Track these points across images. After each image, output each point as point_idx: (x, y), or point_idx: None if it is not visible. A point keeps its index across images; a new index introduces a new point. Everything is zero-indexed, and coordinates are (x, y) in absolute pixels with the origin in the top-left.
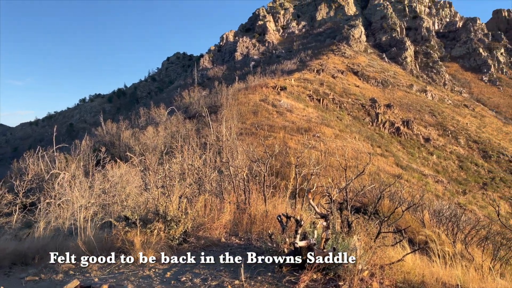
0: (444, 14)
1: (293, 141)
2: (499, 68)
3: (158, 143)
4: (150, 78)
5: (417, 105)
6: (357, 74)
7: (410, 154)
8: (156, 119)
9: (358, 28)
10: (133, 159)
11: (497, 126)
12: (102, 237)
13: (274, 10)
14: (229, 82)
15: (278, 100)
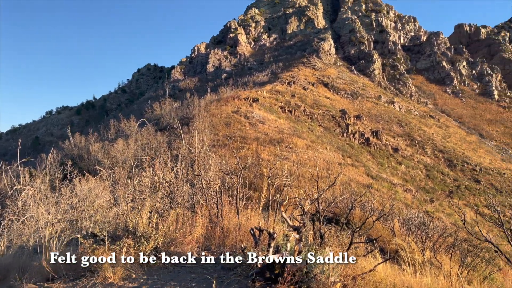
0: (409, 28)
1: (266, 153)
2: (461, 80)
3: (128, 156)
4: (120, 90)
5: (386, 116)
6: (327, 86)
7: (379, 164)
8: (126, 131)
9: (328, 41)
10: (102, 173)
11: (461, 136)
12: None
13: (245, 23)
14: (201, 94)
15: (250, 112)
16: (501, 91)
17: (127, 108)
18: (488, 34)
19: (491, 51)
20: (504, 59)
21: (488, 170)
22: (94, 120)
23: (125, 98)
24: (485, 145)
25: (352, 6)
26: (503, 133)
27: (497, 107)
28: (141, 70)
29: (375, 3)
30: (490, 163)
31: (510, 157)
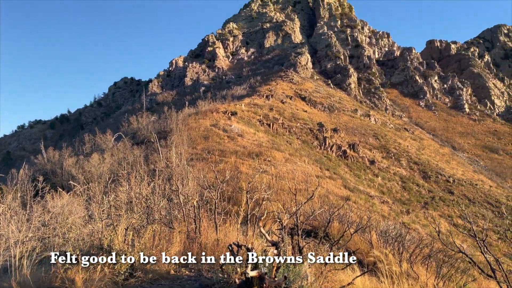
0: (383, 43)
1: (245, 166)
2: (434, 94)
3: (104, 171)
4: (96, 103)
5: (362, 129)
6: (304, 100)
7: (357, 176)
8: (102, 145)
9: (305, 55)
10: (77, 188)
11: (434, 148)
12: (40, 276)
13: (223, 37)
14: (179, 107)
15: (229, 125)
16: (472, 105)
17: (103, 122)
18: (458, 50)
19: (461, 66)
20: (474, 73)
21: (461, 181)
22: (69, 134)
23: (101, 112)
24: (457, 157)
25: (328, 21)
26: (474, 145)
27: (468, 120)
28: (117, 84)
29: (350, 19)
30: (463, 174)
31: (481, 168)
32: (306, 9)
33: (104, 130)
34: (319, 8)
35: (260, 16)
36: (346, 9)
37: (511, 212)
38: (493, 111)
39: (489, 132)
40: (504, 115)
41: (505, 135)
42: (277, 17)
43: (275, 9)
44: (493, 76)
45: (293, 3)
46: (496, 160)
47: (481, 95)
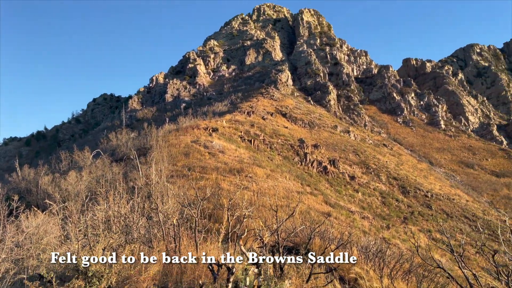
0: (361, 61)
1: (226, 182)
2: (411, 111)
3: (81, 189)
4: (74, 120)
5: (342, 145)
6: (285, 116)
7: (337, 192)
8: (79, 163)
9: (285, 72)
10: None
11: (412, 163)
12: None
13: (204, 54)
14: (159, 124)
15: (210, 141)
16: (447, 121)
17: (81, 138)
18: (433, 68)
19: (436, 83)
20: (448, 91)
21: (438, 196)
22: (45, 151)
23: (79, 129)
24: (435, 172)
25: (308, 39)
26: (451, 161)
27: (444, 136)
28: (96, 100)
29: (329, 37)
30: (440, 189)
31: (458, 183)
32: (286, 28)
33: (82, 147)
34: (299, 26)
35: (240, 33)
36: (325, 27)
37: (487, 226)
38: (467, 127)
39: (464, 148)
40: (478, 131)
41: (480, 150)
42: (258, 35)
43: (256, 27)
44: (466, 93)
45: (273, 21)
46: (472, 175)
47: (456, 111)
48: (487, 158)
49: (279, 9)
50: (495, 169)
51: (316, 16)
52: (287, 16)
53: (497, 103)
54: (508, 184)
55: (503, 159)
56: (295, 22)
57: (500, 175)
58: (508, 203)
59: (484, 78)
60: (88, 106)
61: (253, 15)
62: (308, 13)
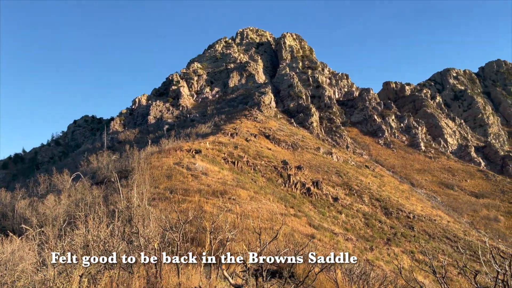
0: (343, 84)
1: (209, 205)
2: (392, 133)
3: (60, 213)
4: (54, 142)
5: (325, 166)
6: (269, 138)
7: (321, 214)
8: (58, 186)
9: (268, 95)
10: (29, 232)
11: (394, 185)
12: None
13: (187, 76)
14: (141, 146)
15: (193, 163)
16: (427, 143)
17: (60, 161)
18: (412, 91)
19: (415, 106)
20: (427, 113)
21: (420, 217)
22: (23, 174)
23: (59, 151)
24: (416, 193)
25: (290, 63)
26: (431, 182)
27: (424, 158)
28: (77, 122)
29: (311, 61)
30: (422, 210)
31: (439, 204)
32: (269, 51)
33: (61, 170)
34: (282, 50)
35: (224, 56)
36: (307, 51)
37: (468, 247)
38: (446, 149)
39: (444, 169)
40: (456, 152)
41: (459, 171)
42: (241, 58)
43: (239, 50)
44: (445, 116)
45: (256, 45)
46: (452, 196)
47: (435, 133)
48: (466, 179)
49: (262, 33)
50: (474, 190)
51: (298, 40)
52: (270, 40)
53: (474, 125)
54: (487, 205)
55: (482, 180)
56: (278, 46)
57: (479, 196)
58: (488, 223)
59: (461, 101)
60: (69, 128)
61: (236, 39)
62: (290, 37)
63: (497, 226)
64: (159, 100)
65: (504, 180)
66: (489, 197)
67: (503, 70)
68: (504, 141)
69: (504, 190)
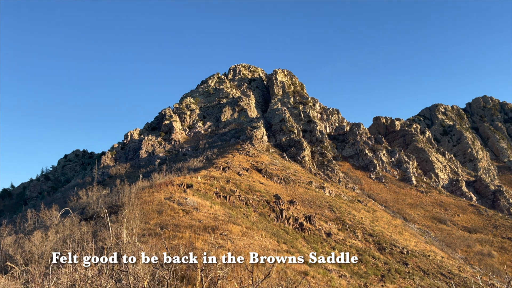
0: (333, 119)
1: (200, 241)
2: (383, 167)
3: (47, 250)
4: (43, 177)
5: (317, 201)
6: (261, 172)
7: (314, 249)
8: (46, 222)
9: (260, 129)
10: (14, 271)
11: (387, 219)
12: None
13: (180, 111)
14: (132, 181)
15: (184, 198)
16: (418, 177)
17: (49, 196)
18: (402, 126)
19: (406, 140)
20: (417, 148)
21: (414, 253)
22: (10, 210)
23: (48, 186)
24: (409, 228)
25: (282, 98)
26: (424, 216)
27: (416, 192)
28: (68, 156)
29: (302, 96)
30: (416, 245)
31: (432, 239)
32: (260, 86)
33: (50, 205)
34: (273, 85)
35: (217, 92)
36: (298, 87)
37: (463, 283)
38: (438, 183)
39: (436, 204)
40: (448, 187)
41: (451, 206)
42: (233, 93)
43: (232, 85)
44: (435, 150)
45: (248, 80)
46: (445, 231)
47: (426, 168)
48: (458, 214)
49: (254, 69)
50: (467, 225)
51: (289, 76)
52: (262, 76)
53: (464, 160)
54: (481, 240)
55: (474, 215)
56: (270, 82)
57: (472, 231)
58: (482, 259)
59: (450, 136)
60: (59, 162)
61: (229, 75)
62: (281, 73)
63: (491, 261)
64: (151, 134)
65: (496, 214)
66: (482, 232)
67: (490, 106)
68: (494, 175)
69: (496, 225)
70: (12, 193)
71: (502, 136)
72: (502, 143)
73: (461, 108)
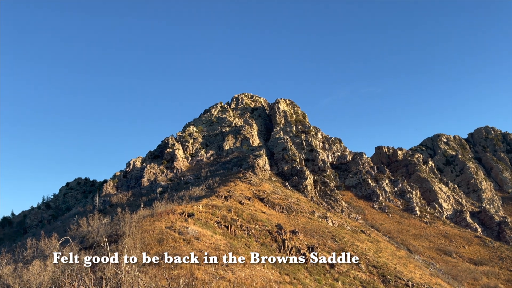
0: (336, 148)
1: (201, 272)
2: (386, 197)
3: (45, 280)
4: (44, 205)
5: (320, 231)
6: (263, 201)
7: (317, 281)
8: (45, 251)
9: (262, 158)
10: None
11: (391, 250)
12: None
13: (183, 139)
14: (133, 209)
15: (185, 227)
16: (422, 207)
17: (50, 224)
18: (404, 156)
19: (408, 170)
20: (420, 178)
21: (420, 286)
22: (10, 239)
23: (49, 214)
24: (414, 260)
25: (284, 127)
26: (429, 248)
27: (420, 223)
28: (70, 184)
29: (304, 125)
30: (421, 278)
31: (437, 271)
32: (263, 115)
33: (50, 233)
34: (275, 115)
35: (219, 120)
36: (300, 116)
37: None
38: (442, 214)
39: (440, 235)
40: (452, 217)
41: (456, 237)
42: (236, 122)
43: (234, 114)
44: (438, 180)
45: (251, 109)
46: (451, 263)
47: (430, 198)
48: (463, 245)
49: (256, 99)
50: (472, 257)
51: (291, 105)
52: (264, 105)
53: (467, 190)
54: (487, 273)
55: (479, 246)
56: (272, 111)
57: (478, 263)
58: None
59: (453, 166)
60: (61, 190)
61: (231, 104)
62: (284, 103)
63: None
64: (153, 162)
65: (502, 246)
66: (488, 264)
67: (492, 136)
68: (499, 206)
69: (502, 257)
70: (12, 221)
71: (505, 167)
72: (506, 174)
73: (463, 138)
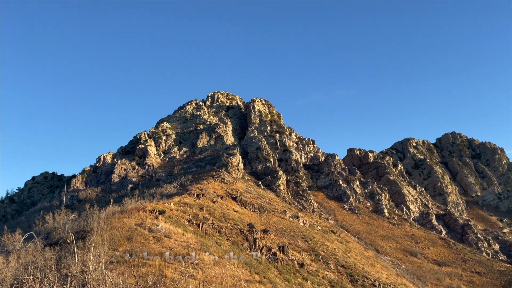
0: (309, 149)
1: (170, 270)
2: (356, 198)
3: (7, 277)
4: (8, 199)
5: (291, 231)
6: (235, 200)
7: (286, 280)
8: (8, 246)
9: (236, 156)
10: None
11: (359, 251)
12: None
13: (156, 136)
14: (103, 205)
15: (155, 225)
16: (390, 209)
17: (13, 220)
18: (375, 158)
19: (379, 173)
20: (390, 180)
21: (386, 285)
22: None
23: (12, 209)
24: (381, 260)
25: (259, 126)
26: (395, 249)
27: (388, 224)
28: (36, 178)
29: (278, 125)
30: (387, 278)
31: (403, 272)
32: (238, 114)
33: (13, 229)
34: (251, 114)
35: (194, 118)
36: (275, 116)
37: None
38: (409, 216)
39: (407, 236)
40: (419, 220)
41: (421, 239)
42: (211, 119)
43: (209, 112)
44: (406, 183)
45: (226, 108)
46: (416, 264)
47: (398, 200)
48: (428, 246)
49: (232, 97)
50: (436, 258)
51: (267, 105)
52: (240, 104)
53: (434, 193)
54: (450, 274)
55: (443, 248)
56: (247, 110)
57: (442, 264)
58: None
59: (421, 170)
60: (26, 185)
61: (207, 101)
62: (259, 102)
63: None
64: (125, 158)
65: (465, 248)
66: (451, 265)
67: (459, 142)
68: (463, 209)
69: (465, 259)
70: None
71: (470, 172)
72: (470, 178)
73: (432, 143)
